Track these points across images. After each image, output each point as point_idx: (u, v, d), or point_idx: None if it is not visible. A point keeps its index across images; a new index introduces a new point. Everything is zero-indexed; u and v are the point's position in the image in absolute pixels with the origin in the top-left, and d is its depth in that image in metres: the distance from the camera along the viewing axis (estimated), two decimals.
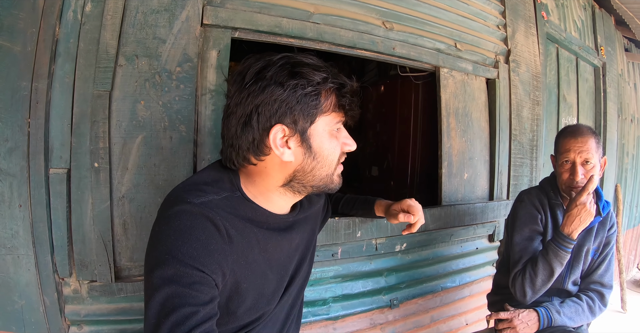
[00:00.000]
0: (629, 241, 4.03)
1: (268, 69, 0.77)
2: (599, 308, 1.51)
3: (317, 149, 0.82)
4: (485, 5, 2.12)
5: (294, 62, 0.79)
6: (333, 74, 0.81)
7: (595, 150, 1.43)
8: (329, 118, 0.82)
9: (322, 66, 0.80)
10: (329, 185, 0.88)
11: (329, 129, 0.83)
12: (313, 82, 0.78)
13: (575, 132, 1.47)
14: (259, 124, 0.78)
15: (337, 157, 0.86)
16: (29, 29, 1.17)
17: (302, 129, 0.80)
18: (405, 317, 1.81)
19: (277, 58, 0.79)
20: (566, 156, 1.46)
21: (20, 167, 1.17)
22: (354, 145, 0.89)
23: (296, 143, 0.81)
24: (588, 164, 1.43)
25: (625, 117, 3.73)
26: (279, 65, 0.77)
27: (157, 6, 1.26)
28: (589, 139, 1.43)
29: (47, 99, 1.17)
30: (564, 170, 1.48)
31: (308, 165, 0.83)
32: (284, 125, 0.78)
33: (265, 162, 0.83)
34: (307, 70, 0.77)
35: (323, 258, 1.54)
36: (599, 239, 1.54)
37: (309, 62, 0.79)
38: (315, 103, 0.79)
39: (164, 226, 0.74)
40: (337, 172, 0.88)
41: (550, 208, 1.55)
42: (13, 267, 1.18)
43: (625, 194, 3.74)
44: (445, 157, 1.93)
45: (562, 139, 1.49)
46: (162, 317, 0.67)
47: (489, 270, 2.18)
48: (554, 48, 2.77)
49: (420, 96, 2.39)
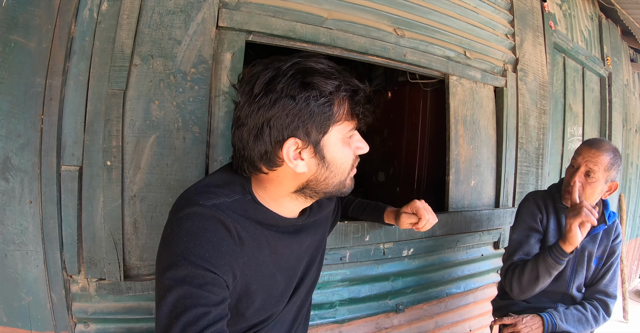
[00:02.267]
0: (631, 251, 4.02)
1: (278, 79, 0.74)
2: (602, 318, 1.51)
3: (331, 159, 0.81)
4: (495, 14, 2.13)
5: (305, 70, 0.75)
6: (345, 79, 0.78)
7: (605, 168, 1.40)
8: (342, 126, 0.80)
9: (334, 72, 0.77)
10: (341, 190, 0.87)
11: (342, 137, 0.81)
12: (325, 92, 0.75)
13: (595, 143, 1.46)
14: (271, 137, 0.76)
15: (350, 164, 0.85)
16: (44, 25, 1.18)
17: (316, 141, 0.78)
18: (410, 322, 1.81)
19: (286, 66, 0.75)
20: (575, 159, 1.47)
21: (32, 163, 1.17)
22: (366, 147, 0.87)
23: (309, 154, 0.79)
24: (590, 176, 1.41)
25: (630, 127, 3.74)
26: (290, 75, 0.74)
27: (173, 7, 1.27)
28: (603, 153, 1.41)
29: (61, 96, 1.18)
30: (567, 173, 1.50)
31: (322, 175, 0.82)
32: (297, 138, 0.76)
33: (277, 171, 0.82)
34: (318, 79, 0.74)
35: (331, 262, 1.54)
36: (602, 247, 1.55)
37: (320, 69, 0.76)
38: (329, 114, 0.76)
39: (176, 228, 0.75)
40: (350, 177, 0.87)
41: (555, 212, 1.56)
42: (21, 263, 1.19)
43: (628, 204, 3.74)
44: (453, 164, 1.94)
45: (581, 145, 1.50)
46: (173, 317, 0.67)
47: (494, 277, 2.17)
48: (561, 57, 2.78)
49: (429, 103, 2.40)
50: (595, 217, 1.31)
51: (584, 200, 1.35)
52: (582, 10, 3.05)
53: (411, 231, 1.72)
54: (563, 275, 1.55)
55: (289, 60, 0.76)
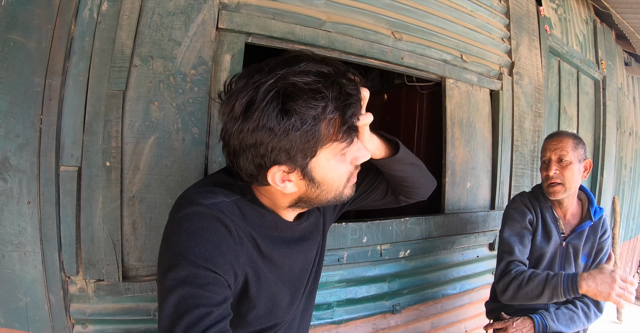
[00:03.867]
0: (625, 253, 4.06)
1: (255, 105, 0.68)
2: (594, 314, 1.53)
3: (321, 179, 0.78)
4: (491, 18, 2.15)
5: (285, 91, 0.68)
6: (334, 94, 0.69)
7: (572, 149, 1.50)
8: (333, 147, 0.74)
9: (321, 88, 0.68)
10: (338, 200, 0.84)
11: (334, 156, 0.76)
12: (308, 119, 0.68)
13: (554, 134, 1.58)
14: (254, 163, 0.74)
15: (345, 179, 0.81)
16: (44, 25, 1.17)
17: (302, 165, 0.74)
18: (407, 322, 1.82)
19: (265, 87, 0.68)
20: (544, 155, 1.56)
21: (30, 163, 1.17)
22: (367, 155, 0.82)
23: (297, 177, 0.76)
24: (563, 161, 1.50)
25: (624, 130, 3.79)
26: (267, 100, 0.67)
27: (173, 8, 1.27)
28: (564, 139, 1.52)
29: (60, 96, 1.17)
30: (542, 169, 1.57)
31: (313, 193, 0.80)
32: (281, 165, 0.73)
33: (269, 187, 0.81)
34: (299, 103, 0.67)
35: (329, 263, 1.55)
36: (589, 244, 1.58)
37: (304, 87, 0.67)
38: (314, 140, 0.70)
39: (176, 228, 0.74)
40: (348, 186, 0.83)
41: (541, 211, 1.60)
42: (19, 263, 1.18)
43: (622, 206, 3.77)
44: (449, 166, 1.95)
45: (544, 142, 1.59)
46: (176, 318, 0.67)
47: (489, 278, 2.19)
48: (556, 61, 2.81)
49: (425, 105, 2.42)
50: (632, 295, 1.28)
51: (628, 277, 1.31)
52: (577, 14, 3.08)
53: (408, 232, 1.74)
54: None
55: (270, 76, 0.69)
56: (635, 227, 4.35)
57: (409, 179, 1.04)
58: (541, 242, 1.56)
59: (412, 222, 1.76)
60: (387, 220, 1.69)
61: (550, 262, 1.58)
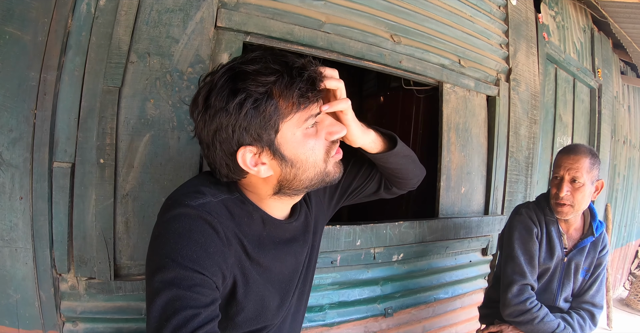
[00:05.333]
0: (616, 260, 4.09)
1: (212, 92, 0.73)
2: (589, 327, 1.53)
3: (292, 156, 0.78)
4: (490, 24, 2.16)
5: (235, 74, 0.72)
6: (285, 69, 0.72)
7: (587, 171, 1.44)
8: (295, 119, 0.76)
9: (269, 67, 0.72)
10: (325, 180, 0.84)
11: (300, 130, 0.77)
12: (257, 93, 0.71)
13: (571, 150, 1.50)
14: (223, 151, 0.76)
15: (321, 154, 0.81)
16: (40, 18, 1.15)
17: (269, 142, 0.76)
18: (398, 326, 1.82)
19: (219, 75, 0.73)
20: (557, 172, 1.50)
21: (23, 158, 1.15)
22: (342, 130, 0.82)
23: (268, 157, 0.78)
24: (576, 182, 1.45)
25: (618, 139, 3.82)
26: (219, 86, 0.72)
27: (172, 5, 1.26)
28: (581, 158, 1.45)
29: (55, 91, 1.16)
30: (553, 185, 1.52)
31: (289, 174, 0.80)
32: (248, 145, 0.75)
33: (249, 177, 0.82)
34: (248, 82, 0.71)
35: (322, 265, 1.54)
36: (589, 259, 1.57)
37: (252, 71, 0.71)
38: (270, 113, 0.73)
39: (163, 230, 0.74)
40: (329, 165, 0.83)
41: (546, 225, 1.57)
42: (10, 260, 1.16)
43: (615, 214, 3.81)
44: (444, 171, 1.96)
45: (558, 155, 1.54)
46: (163, 320, 0.66)
47: (481, 283, 2.20)
48: (553, 68, 2.83)
49: (422, 109, 2.42)
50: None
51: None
52: (575, 22, 3.11)
53: (402, 236, 1.74)
54: (550, 288, 1.58)
55: (224, 68, 0.74)
56: (627, 234, 4.39)
57: (402, 171, 1.05)
58: (545, 259, 1.55)
59: (406, 226, 1.76)
60: (381, 223, 1.69)
61: (550, 277, 1.57)
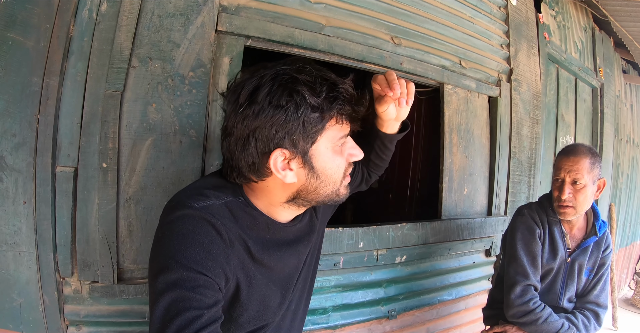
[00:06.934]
0: (621, 260, 4.07)
1: (261, 89, 0.74)
2: (594, 328, 1.52)
3: (320, 168, 0.80)
4: (490, 25, 2.16)
5: (288, 80, 0.74)
6: (330, 86, 0.76)
7: (588, 171, 1.44)
8: (331, 135, 0.79)
9: (318, 80, 0.75)
10: (334, 199, 0.86)
11: (332, 146, 0.80)
12: (311, 101, 0.74)
13: (570, 151, 1.50)
14: (257, 148, 0.76)
15: (342, 173, 0.84)
16: (42, 24, 1.16)
17: (303, 151, 0.77)
18: (402, 328, 1.82)
19: (270, 75, 0.75)
20: (557, 174, 1.50)
21: (26, 163, 1.16)
22: (361, 154, 0.86)
23: (298, 164, 0.79)
24: (577, 184, 1.45)
25: (621, 138, 3.80)
26: (273, 84, 0.74)
27: (173, 10, 1.27)
28: (581, 159, 1.44)
29: (57, 96, 1.17)
30: (555, 188, 1.52)
31: (312, 185, 0.81)
32: (284, 148, 0.76)
33: (267, 181, 0.82)
34: (303, 88, 0.73)
35: (325, 268, 1.54)
36: (593, 259, 1.56)
37: (304, 79, 0.74)
38: (315, 123, 0.75)
39: (167, 231, 0.75)
40: (343, 185, 0.86)
41: (549, 225, 1.57)
42: (14, 264, 1.17)
43: (619, 214, 3.79)
44: (447, 172, 1.95)
45: (558, 157, 1.53)
46: (166, 321, 0.67)
47: (485, 285, 2.19)
48: (554, 68, 2.83)
49: (423, 111, 2.42)
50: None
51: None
52: (576, 21, 3.10)
53: (404, 238, 1.74)
54: (554, 289, 1.57)
55: (273, 68, 0.76)
56: (631, 234, 4.36)
57: (389, 155, 1.18)
58: (548, 260, 1.54)
59: (408, 227, 1.76)
60: (384, 225, 1.69)
61: (554, 277, 1.57)
